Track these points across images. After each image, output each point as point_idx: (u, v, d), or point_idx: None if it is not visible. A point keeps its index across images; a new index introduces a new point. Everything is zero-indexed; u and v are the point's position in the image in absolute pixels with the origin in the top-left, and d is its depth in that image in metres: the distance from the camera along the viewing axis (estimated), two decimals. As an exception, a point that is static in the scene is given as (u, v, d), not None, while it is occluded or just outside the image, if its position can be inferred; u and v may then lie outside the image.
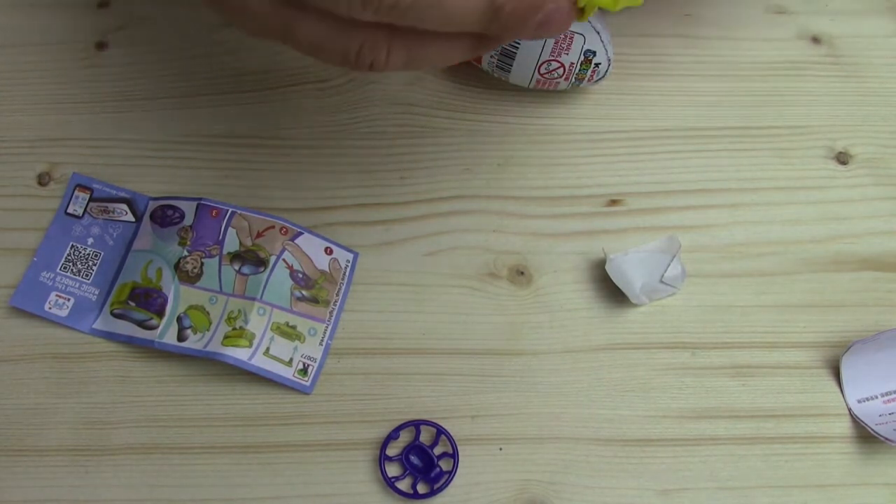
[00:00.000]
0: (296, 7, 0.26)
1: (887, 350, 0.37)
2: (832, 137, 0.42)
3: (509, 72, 0.40)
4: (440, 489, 0.35)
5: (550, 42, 0.38)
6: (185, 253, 0.37)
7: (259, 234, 0.38)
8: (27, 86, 0.41)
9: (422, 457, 0.36)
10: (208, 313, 0.36)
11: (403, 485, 0.35)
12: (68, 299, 0.37)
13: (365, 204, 0.40)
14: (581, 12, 0.27)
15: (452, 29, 0.25)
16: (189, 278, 0.37)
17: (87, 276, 0.38)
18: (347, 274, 0.38)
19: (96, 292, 0.37)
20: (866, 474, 0.36)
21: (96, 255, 0.38)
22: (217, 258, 0.37)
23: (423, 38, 0.26)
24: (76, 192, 0.39)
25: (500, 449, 0.36)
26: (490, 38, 0.27)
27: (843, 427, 0.37)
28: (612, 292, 0.38)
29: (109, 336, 0.37)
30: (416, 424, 0.36)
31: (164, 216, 0.38)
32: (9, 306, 0.37)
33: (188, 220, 0.38)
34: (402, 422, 0.36)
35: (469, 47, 0.27)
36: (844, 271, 0.39)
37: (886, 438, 0.35)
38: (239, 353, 0.35)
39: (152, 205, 0.39)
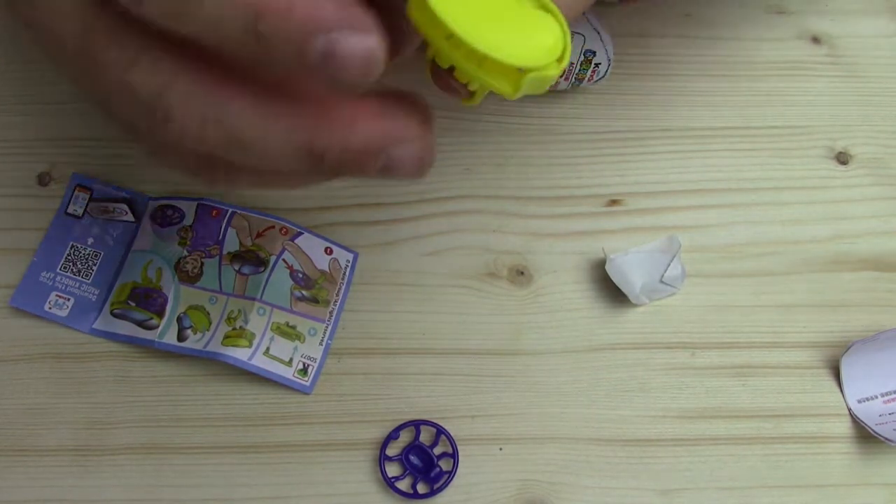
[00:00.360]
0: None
1: (887, 350, 0.37)
2: (832, 137, 0.42)
3: (509, 72, 0.40)
4: (440, 489, 0.35)
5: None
6: (185, 253, 0.37)
7: (259, 234, 0.38)
8: (27, 86, 0.41)
9: (422, 457, 0.36)
10: (208, 313, 0.36)
11: (403, 485, 0.35)
12: (68, 299, 0.37)
13: (365, 204, 0.40)
14: (471, 95, 0.23)
15: (278, 168, 0.22)
16: (189, 278, 0.37)
17: (87, 276, 0.38)
18: (347, 274, 0.38)
19: (96, 292, 0.37)
20: (866, 474, 0.36)
21: (96, 255, 0.38)
22: (217, 258, 0.37)
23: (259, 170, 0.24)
24: (76, 192, 0.39)
25: (500, 449, 0.36)
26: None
27: (843, 427, 0.37)
28: (612, 292, 0.38)
29: (109, 336, 0.37)
30: (416, 424, 0.36)
31: (164, 216, 0.38)
32: (9, 306, 0.37)
33: (188, 220, 0.38)
34: (402, 422, 0.36)
35: (318, 180, 0.24)
36: (844, 271, 0.39)
37: (886, 438, 0.35)
38: (239, 353, 0.35)
39: (152, 205, 0.39)
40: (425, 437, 0.36)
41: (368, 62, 0.20)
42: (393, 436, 0.36)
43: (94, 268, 0.38)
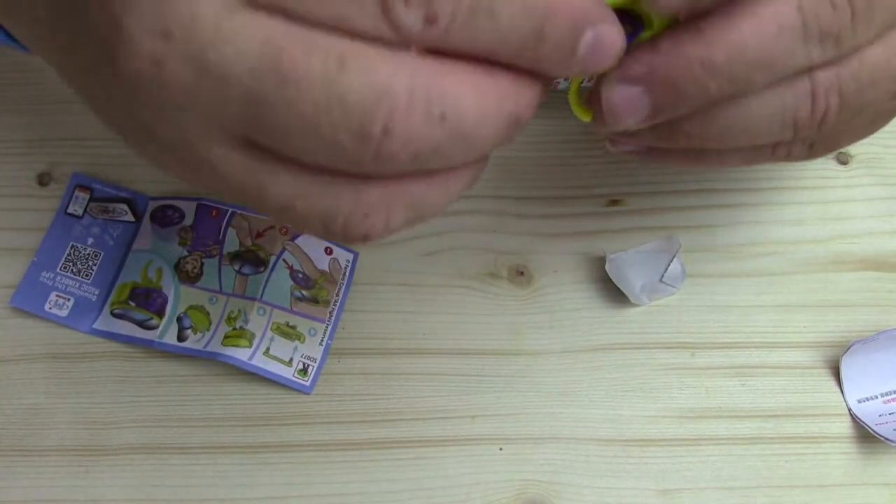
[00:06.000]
0: (272, 159, 0.21)
1: (887, 350, 0.37)
2: (832, 137, 0.42)
3: (509, 72, 0.40)
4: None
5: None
6: (186, 253, 0.37)
7: (259, 234, 0.38)
8: (27, 86, 0.41)
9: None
10: (208, 313, 0.36)
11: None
12: (68, 299, 0.37)
13: (365, 204, 0.40)
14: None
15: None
16: (189, 278, 0.37)
17: (87, 276, 0.38)
18: (347, 274, 0.38)
19: (96, 292, 0.37)
20: (866, 474, 0.36)
21: (96, 255, 0.38)
22: (217, 258, 0.37)
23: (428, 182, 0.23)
24: (76, 192, 0.39)
25: (501, 449, 0.36)
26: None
27: (843, 427, 0.37)
28: (612, 292, 0.38)
29: (109, 336, 0.37)
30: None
31: (164, 216, 0.38)
32: (9, 306, 0.37)
33: (188, 220, 0.38)
34: (402, 421, 0.36)
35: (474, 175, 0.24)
36: (844, 271, 0.39)
37: (886, 438, 0.35)
38: (239, 353, 0.35)
39: (152, 205, 0.39)
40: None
41: (617, 50, 0.21)
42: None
43: (94, 268, 0.38)
